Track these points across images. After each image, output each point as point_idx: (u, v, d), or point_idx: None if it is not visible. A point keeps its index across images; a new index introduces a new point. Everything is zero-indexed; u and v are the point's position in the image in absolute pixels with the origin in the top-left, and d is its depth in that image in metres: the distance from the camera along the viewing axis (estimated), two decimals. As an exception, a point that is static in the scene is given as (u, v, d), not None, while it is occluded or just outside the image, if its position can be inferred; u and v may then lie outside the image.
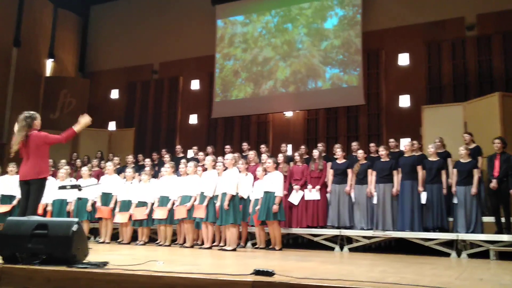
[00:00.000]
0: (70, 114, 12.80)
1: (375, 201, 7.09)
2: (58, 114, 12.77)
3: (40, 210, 7.38)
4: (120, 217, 7.66)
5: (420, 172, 6.91)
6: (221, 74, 12.02)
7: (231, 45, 12.02)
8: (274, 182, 6.67)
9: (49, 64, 13.37)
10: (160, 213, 7.34)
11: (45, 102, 12.82)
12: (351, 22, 10.66)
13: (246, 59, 11.77)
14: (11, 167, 7.95)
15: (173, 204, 7.32)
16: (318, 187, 7.38)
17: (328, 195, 7.48)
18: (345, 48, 10.63)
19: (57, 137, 4.87)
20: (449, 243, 6.48)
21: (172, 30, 13.11)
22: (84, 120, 4.83)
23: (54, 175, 8.66)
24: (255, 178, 7.14)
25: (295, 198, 7.41)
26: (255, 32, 11.78)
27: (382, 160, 7.27)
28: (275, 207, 6.55)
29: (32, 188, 4.85)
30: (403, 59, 10.44)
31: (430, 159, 7.04)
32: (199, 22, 12.80)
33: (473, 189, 6.59)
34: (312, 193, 7.38)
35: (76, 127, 4.81)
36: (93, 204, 7.82)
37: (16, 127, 4.85)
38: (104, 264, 3.08)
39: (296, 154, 7.80)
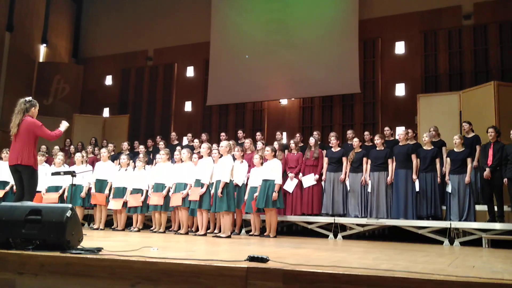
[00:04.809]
0: (63, 100, 12.70)
1: (369, 189, 7.13)
2: (52, 100, 12.66)
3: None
4: (115, 204, 7.65)
5: (415, 161, 6.93)
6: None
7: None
8: (273, 170, 6.69)
9: (42, 50, 13.20)
10: (155, 199, 7.34)
11: (38, 88, 12.67)
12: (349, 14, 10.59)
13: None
14: (5, 153, 7.88)
15: (169, 190, 7.32)
16: (316, 176, 7.38)
17: (322, 183, 7.51)
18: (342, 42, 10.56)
19: (47, 133, 4.93)
20: (442, 231, 6.54)
21: (167, 16, 12.95)
22: (65, 125, 5.22)
23: (48, 161, 8.62)
24: (251, 166, 7.13)
25: (289, 185, 7.43)
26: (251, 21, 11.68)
27: (377, 148, 7.29)
28: (274, 195, 6.57)
29: (24, 177, 4.85)
30: (399, 48, 10.41)
31: (424, 147, 7.06)
32: (194, 8, 12.67)
33: (467, 178, 6.64)
34: (308, 179, 7.39)
35: (62, 129, 5.16)
36: (88, 191, 7.81)
37: (15, 110, 4.93)
38: (98, 250, 3.07)
39: (291, 142, 7.79)
